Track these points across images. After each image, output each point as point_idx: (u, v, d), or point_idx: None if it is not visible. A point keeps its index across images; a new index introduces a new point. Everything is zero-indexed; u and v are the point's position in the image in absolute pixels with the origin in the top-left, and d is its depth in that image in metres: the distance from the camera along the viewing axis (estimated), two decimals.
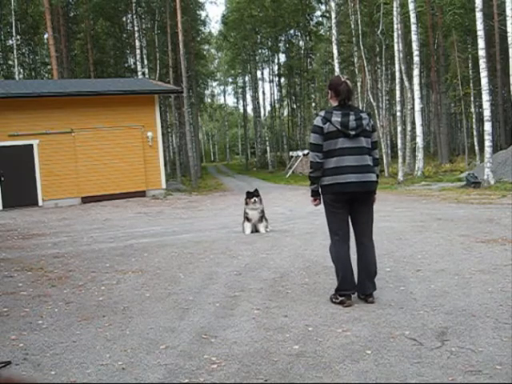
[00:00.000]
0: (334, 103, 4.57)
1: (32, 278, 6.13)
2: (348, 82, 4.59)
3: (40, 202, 17.20)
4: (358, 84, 33.97)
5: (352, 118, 4.45)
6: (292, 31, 47.62)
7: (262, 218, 9.06)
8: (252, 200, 8.92)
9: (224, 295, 5.01)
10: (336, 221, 4.55)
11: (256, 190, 9.11)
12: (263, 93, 55.83)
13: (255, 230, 9.02)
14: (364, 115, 4.53)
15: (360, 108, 31.87)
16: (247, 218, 9.02)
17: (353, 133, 4.44)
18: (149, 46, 35.97)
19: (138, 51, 31.68)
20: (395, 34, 22.87)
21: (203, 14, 68.00)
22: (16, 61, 34.46)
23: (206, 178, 36.12)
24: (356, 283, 4.58)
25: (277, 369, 3.27)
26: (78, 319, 4.44)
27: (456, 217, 9.75)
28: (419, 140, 21.92)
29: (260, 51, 49.47)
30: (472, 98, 30.27)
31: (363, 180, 4.46)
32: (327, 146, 4.46)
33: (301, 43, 47.93)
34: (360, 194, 4.52)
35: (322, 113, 4.54)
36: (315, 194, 4.66)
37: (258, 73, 52.35)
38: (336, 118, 4.43)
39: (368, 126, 4.51)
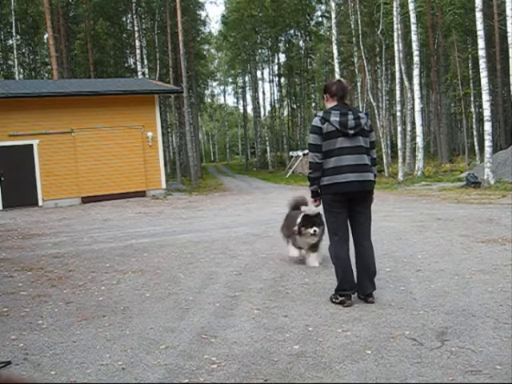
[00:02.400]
0: (332, 104, 4.59)
1: (32, 277, 6.13)
2: (342, 80, 4.68)
3: (40, 202, 17.20)
4: (358, 84, 33.95)
5: (351, 117, 4.46)
6: (292, 31, 47.60)
7: (317, 244, 6.08)
8: (311, 231, 5.80)
9: (224, 295, 5.01)
10: (336, 221, 4.55)
11: (318, 216, 5.71)
12: (263, 93, 56.04)
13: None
14: (362, 115, 4.54)
15: (359, 108, 31.99)
16: (295, 245, 6.27)
17: (352, 132, 4.45)
18: (149, 46, 35.97)
19: (138, 51, 31.67)
20: (395, 34, 22.87)
21: (203, 13, 67.99)
22: (16, 61, 34.48)
23: (206, 178, 36.13)
24: (356, 283, 4.58)
25: (277, 369, 3.27)
26: (77, 319, 4.44)
27: (456, 217, 9.75)
28: (419, 140, 21.92)
29: (260, 51, 49.44)
30: (472, 98, 30.28)
31: (362, 179, 4.46)
32: (326, 146, 4.46)
33: (301, 43, 47.93)
34: (359, 194, 4.52)
35: (321, 113, 4.55)
36: (315, 195, 4.66)
37: (258, 73, 52.44)
38: (335, 117, 4.44)
39: (366, 125, 4.53)
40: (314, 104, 50.23)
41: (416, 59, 22.02)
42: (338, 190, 4.44)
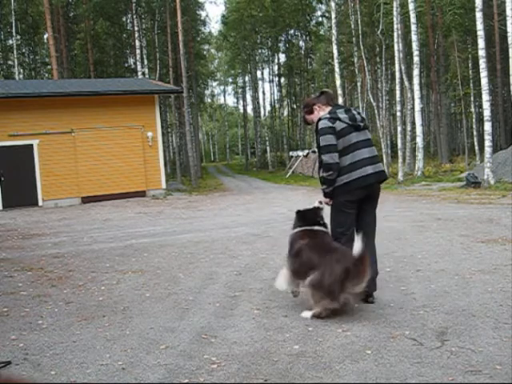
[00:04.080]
0: (327, 109, 4.60)
1: (32, 277, 6.13)
2: (323, 89, 4.92)
3: (40, 202, 17.20)
4: (358, 84, 33.96)
5: (355, 112, 4.56)
6: (292, 31, 47.60)
7: None
8: None
9: (224, 295, 5.01)
10: (347, 221, 4.47)
11: None
12: (263, 93, 56.01)
13: None
14: (359, 110, 4.73)
15: (359, 108, 32.05)
16: None
17: (362, 124, 4.52)
18: (149, 46, 35.97)
19: (138, 51, 31.68)
20: (395, 34, 22.85)
21: (203, 13, 67.96)
22: (16, 61, 34.49)
23: (206, 178, 36.12)
24: None
25: (277, 369, 3.27)
26: (77, 319, 4.44)
27: (456, 217, 9.75)
28: (419, 140, 21.91)
29: (260, 51, 49.44)
30: (472, 98, 30.27)
31: (378, 170, 4.49)
32: (341, 145, 4.43)
33: (301, 43, 47.92)
34: (374, 187, 4.51)
35: (327, 115, 4.51)
36: (329, 196, 4.55)
37: (258, 73, 52.42)
38: (342, 114, 4.48)
39: (366, 120, 4.70)
40: None
41: (416, 59, 22.01)
42: (358, 185, 4.38)
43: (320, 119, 4.53)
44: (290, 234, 4.63)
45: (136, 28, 32.21)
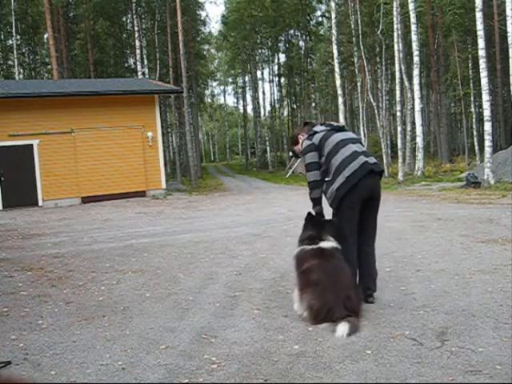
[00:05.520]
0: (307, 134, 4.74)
1: (32, 277, 6.13)
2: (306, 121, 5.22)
3: (40, 202, 17.20)
4: (358, 84, 33.95)
5: (331, 123, 4.77)
6: (292, 31, 47.60)
7: None
8: None
9: (224, 295, 5.01)
10: (351, 225, 4.43)
11: None
12: (263, 93, 56.07)
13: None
14: None
15: (359, 108, 32.07)
16: None
17: (342, 125, 4.71)
18: (149, 46, 35.97)
19: (138, 51, 31.67)
20: (395, 34, 22.86)
21: (203, 13, 67.91)
22: (16, 61, 34.49)
23: (206, 178, 36.12)
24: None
25: (277, 369, 3.27)
26: (78, 319, 4.44)
27: (456, 217, 9.75)
28: (419, 140, 21.91)
29: (260, 51, 49.45)
30: (472, 98, 30.27)
31: (373, 162, 4.46)
32: (327, 147, 4.43)
33: (301, 43, 47.91)
34: (376, 185, 4.48)
35: (305, 136, 4.65)
36: (321, 216, 4.54)
37: (258, 73, 52.45)
38: (318, 128, 4.63)
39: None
40: (314, 104, 50.19)
41: (416, 59, 22.01)
42: (360, 174, 4.29)
43: (302, 143, 4.68)
44: (297, 251, 4.42)
45: (136, 28, 32.19)
